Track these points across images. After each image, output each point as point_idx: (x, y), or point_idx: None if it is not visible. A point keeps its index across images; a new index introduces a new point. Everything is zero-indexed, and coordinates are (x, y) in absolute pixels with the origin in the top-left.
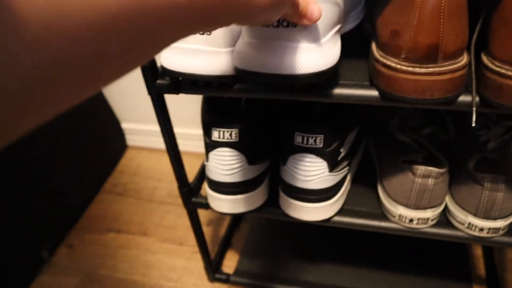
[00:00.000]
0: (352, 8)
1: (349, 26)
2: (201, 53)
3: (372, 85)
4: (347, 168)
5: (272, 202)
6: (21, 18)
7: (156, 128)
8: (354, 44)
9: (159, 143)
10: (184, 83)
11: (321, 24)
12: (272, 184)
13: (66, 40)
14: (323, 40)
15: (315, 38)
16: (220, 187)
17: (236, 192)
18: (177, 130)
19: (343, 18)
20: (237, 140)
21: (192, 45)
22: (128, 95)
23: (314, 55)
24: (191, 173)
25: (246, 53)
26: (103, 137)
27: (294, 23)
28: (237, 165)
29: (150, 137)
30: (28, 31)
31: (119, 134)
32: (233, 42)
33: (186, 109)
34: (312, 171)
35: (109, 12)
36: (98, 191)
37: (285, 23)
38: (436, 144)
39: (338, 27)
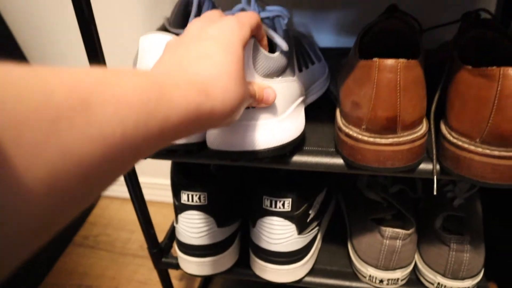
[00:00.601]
0: (314, 80)
1: (313, 97)
2: None
3: (337, 152)
4: (316, 228)
5: (243, 262)
6: (22, 179)
7: None
8: (322, 107)
9: None
10: None
11: (280, 102)
12: (243, 244)
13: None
14: (283, 115)
15: (275, 114)
16: (190, 250)
17: (206, 255)
18: (150, 180)
19: (304, 91)
20: (206, 203)
21: None
22: None
23: (276, 130)
24: (164, 224)
25: (214, 134)
26: None
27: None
28: (206, 228)
29: (123, 187)
30: (27, 192)
31: None
32: None
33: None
34: (281, 234)
35: (97, 168)
36: (67, 244)
37: None
38: (404, 202)
39: (299, 100)
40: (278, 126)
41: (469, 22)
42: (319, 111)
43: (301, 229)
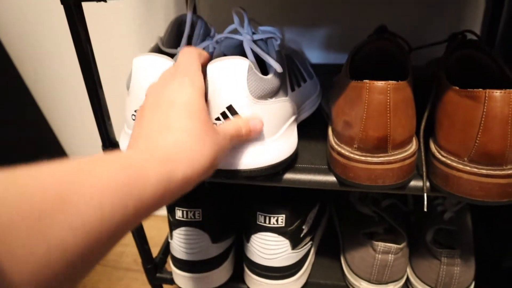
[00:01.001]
0: (306, 97)
1: (305, 114)
2: None
3: (329, 169)
4: (310, 243)
5: (237, 277)
6: (10, 278)
7: None
8: (313, 124)
9: None
10: None
11: (273, 122)
12: (237, 259)
13: None
14: (277, 135)
15: (268, 134)
16: (184, 265)
17: (200, 270)
18: None
19: (297, 109)
20: (200, 219)
21: None
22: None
23: (269, 150)
24: (158, 238)
25: None
26: None
27: None
28: (201, 243)
29: None
30: None
31: None
32: None
33: None
34: (275, 250)
35: (80, 254)
36: None
37: None
38: (396, 216)
39: (292, 118)
40: (271, 145)
41: (455, 42)
42: (310, 128)
43: (294, 244)
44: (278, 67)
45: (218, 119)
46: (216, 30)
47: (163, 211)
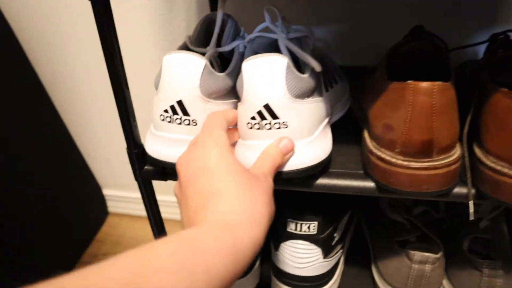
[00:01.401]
0: (337, 99)
1: (336, 117)
2: (184, 143)
3: (366, 175)
4: (340, 251)
5: (264, 286)
6: None
7: (139, 195)
8: (344, 127)
9: (142, 210)
10: (170, 172)
11: (309, 123)
12: (263, 268)
13: None
14: (312, 137)
15: (305, 136)
16: None
17: None
18: (165, 198)
19: (330, 111)
20: None
21: (177, 135)
22: (110, 160)
23: (305, 151)
24: None
25: (238, 153)
26: (82, 203)
27: (285, 124)
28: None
29: (133, 204)
30: None
31: (100, 201)
32: None
33: None
34: (307, 258)
35: None
36: (75, 264)
37: (276, 126)
38: (429, 223)
39: (326, 120)
40: (307, 147)
41: (497, 43)
42: (341, 131)
43: (326, 253)
44: (317, 66)
45: (253, 118)
46: (247, 30)
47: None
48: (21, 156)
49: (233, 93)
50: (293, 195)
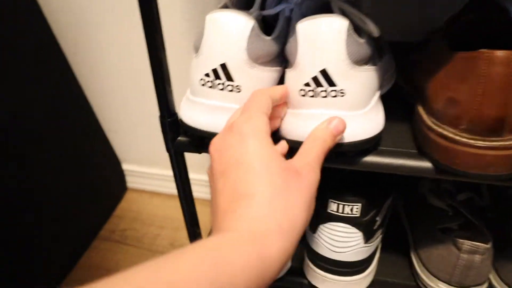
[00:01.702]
0: (386, 71)
1: (384, 89)
2: (226, 112)
3: (422, 154)
4: (380, 236)
5: (296, 270)
6: None
7: (159, 171)
8: (389, 103)
9: (162, 186)
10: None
11: (366, 92)
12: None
13: None
14: (368, 107)
15: (361, 105)
16: None
17: None
18: (197, 176)
19: (382, 81)
20: None
21: (218, 102)
22: (131, 134)
23: (362, 123)
24: (209, 224)
25: (287, 124)
26: (101, 178)
27: (342, 93)
28: None
29: (152, 180)
30: None
31: (119, 176)
32: None
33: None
34: (347, 242)
35: None
36: (93, 239)
37: (333, 93)
38: (473, 211)
39: (379, 92)
40: (363, 118)
41: None
42: (386, 108)
43: (368, 237)
44: (376, 31)
45: (307, 84)
46: None
47: (204, 194)
48: (39, 128)
49: (278, 60)
50: (335, 173)
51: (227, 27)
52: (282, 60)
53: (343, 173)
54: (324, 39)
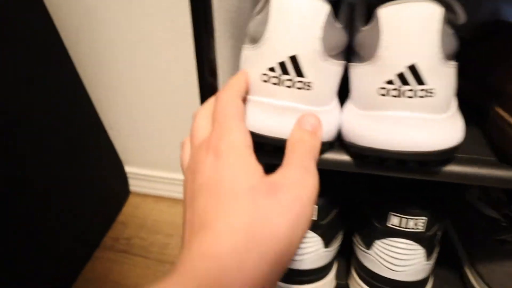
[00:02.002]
0: None
1: None
2: (295, 113)
3: (503, 162)
4: (437, 251)
5: None
6: None
7: (165, 174)
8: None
9: (168, 191)
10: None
11: (452, 91)
12: (339, 268)
13: None
14: (453, 110)
15: (448, 108)
16: (291, 276)
17: (309, 281)
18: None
19: None
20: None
21: (285, 102)
22: (135, 135)
23: (449, 128)
24: None
25: (362, 127)
26: (103, 180)
27: (432, 92)
28: (312, 249)
29: (157, 184)
30: None
31: (122, 179)
32: (332, 98)
33: None
34: (408, 260)
35: None
36: (95, 248)
37: (421, 93)
38: None
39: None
40: (450, 121)
41: None
42: None
43: (429, 253)
44: (463, 16)
45: (390, 82)
46: None
47: None
48: (41, 126)
49: (344, 52)
50: (392, 183)
51: (299, 12)
52: (346, 53)
53: (402, 183)
54: (415, 29)
